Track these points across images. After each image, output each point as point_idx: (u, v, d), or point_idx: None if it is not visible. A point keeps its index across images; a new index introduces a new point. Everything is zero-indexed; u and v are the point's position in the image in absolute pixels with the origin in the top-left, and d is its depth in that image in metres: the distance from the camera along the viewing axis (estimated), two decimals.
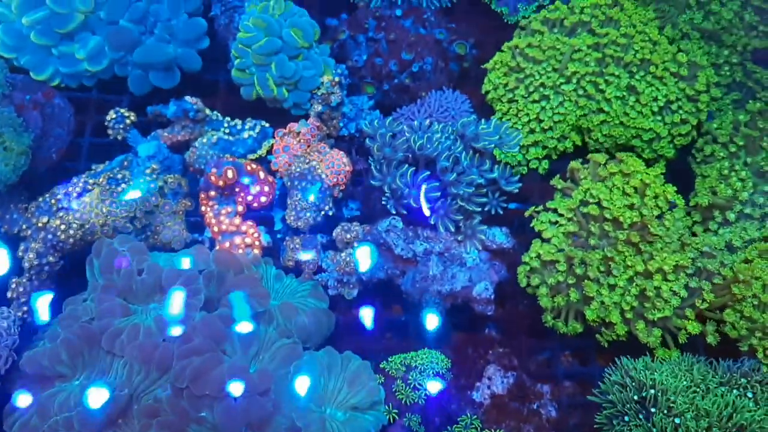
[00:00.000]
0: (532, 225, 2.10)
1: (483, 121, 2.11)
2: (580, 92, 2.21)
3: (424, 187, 2.00)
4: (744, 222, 2.05)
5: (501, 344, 2.01)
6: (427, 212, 2.00)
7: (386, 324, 2.09)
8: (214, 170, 2.10)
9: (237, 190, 2.16)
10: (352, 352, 1.92)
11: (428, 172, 2.02)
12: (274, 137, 2.25)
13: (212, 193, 2.14)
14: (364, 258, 2.06)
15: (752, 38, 2.29)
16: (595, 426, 1.83)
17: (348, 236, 2.10)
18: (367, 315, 2.08)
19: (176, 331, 1.73)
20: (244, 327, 1.78)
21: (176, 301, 1.79)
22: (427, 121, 2.12)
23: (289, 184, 2.16)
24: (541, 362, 2.03)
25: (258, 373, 1.71)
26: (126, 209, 1.99)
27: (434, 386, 1.89)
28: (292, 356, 1.79)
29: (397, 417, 1.85)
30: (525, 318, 2.10)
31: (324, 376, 1.80)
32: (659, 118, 2.16)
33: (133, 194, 2.02)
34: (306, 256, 2.09)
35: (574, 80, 2.21)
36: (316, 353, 1.84)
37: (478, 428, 1.82)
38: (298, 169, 2.12)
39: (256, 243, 2.11)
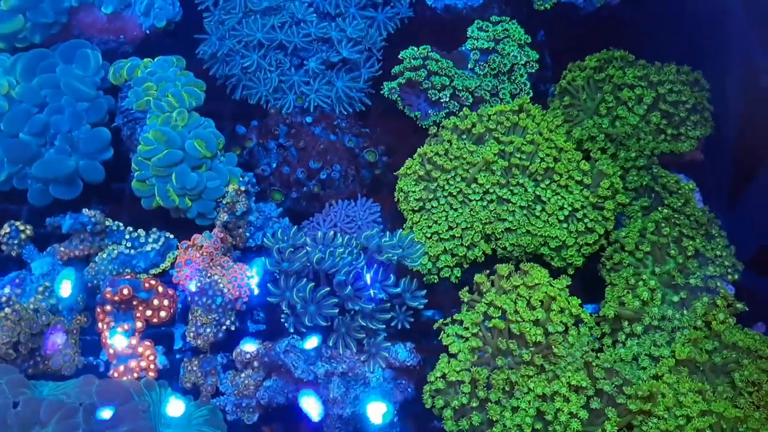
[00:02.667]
0: (439, 338, 2.04)
1: (387, 233, 2.07)
2: (487, 201, 2.19)
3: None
4: (653, 334, 2.01)
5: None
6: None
7: None
8: (108, 289, 2.03)
9: (135, 304, 2.08)
10: None
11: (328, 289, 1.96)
12: (178, 249, 2.19)
13: (108, 307, 2.06)
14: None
15: (659, 142, 2.31)
16: None
17: (247, 356, 2.02)
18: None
19: None
20: None
21: None
22: (331, 233, 2.08)
23: (190, 299, 2.09)
24: None
25: None
26: (7, 334, 1.90)
27: None
28: None
29: None
30: None
31: None
32: (565, 226, 2.14)
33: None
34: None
35: (481, 190, 2.20)
36: None
37: None
38: (198, 284, 2.05)
39: (152, 366, 2.02)
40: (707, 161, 2.35)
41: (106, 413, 1.76)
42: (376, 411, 1.94)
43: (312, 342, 1.98)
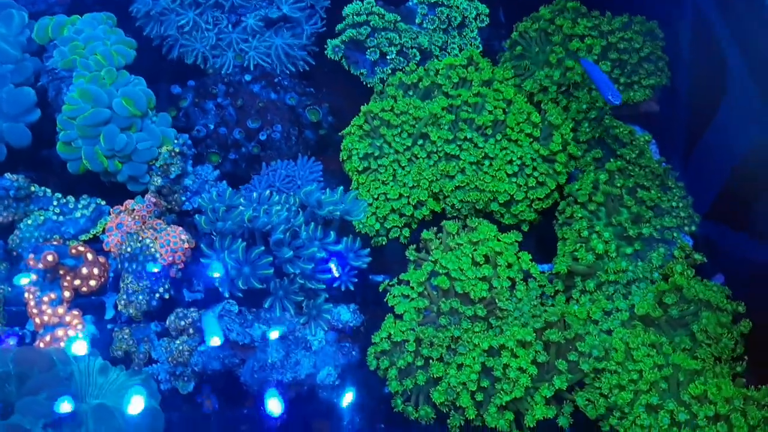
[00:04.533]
0: (385, 299, 1.94)
1: (328, 190, 1.97)
2: (434, 157, 2.10)
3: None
4: (608, 288, 1.93)
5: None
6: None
7: (228, 421, 1.89)
8: (31, 256, 1.91)
9: (62, 273, 1.96)
10: None
11: (262, 248, 1.85)
12: (109, 215, 2.07)
13: (34, 276, 1.94)
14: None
15: None
16: None
17: (182, 323, 1.91)
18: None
19: None
20: None
21: None
22: (267, 192, 1.97)
23: (120, 265, 1.97)
24: None
25: None
26: None
27: None
28: None
29: None
30: (381, 406, 1.92)
31: None
32: (514, 180, 2.05)
33: None
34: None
35: (428, 146, 2.10)
36: None
37: None
38: (129, 249, 1.94)
39: (80, 335, 1.90)
40: (664, 113, 2.27)
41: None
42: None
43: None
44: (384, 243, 2.12)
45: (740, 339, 1.82)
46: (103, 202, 2.12)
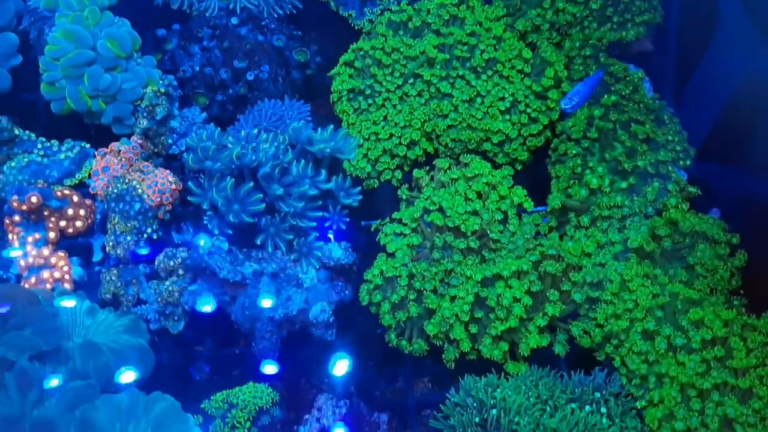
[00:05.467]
0: (377, 239, 1.92)
1: (319, 128, 1.93)
2: (426, 96, 2.06)
3: None
4: (602, 224, 1.90)
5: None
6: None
7: (217, 360, 1.86)
8: (15, 197, 1.87)
9: (47, 214, 1.92)
10: (175, 393, 1.68)
11: (251, 184, 1.82)
12: (95, 158, 2.03)
13: (16, 217, 1.90)
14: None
15: (606, 30, 2.18)
16: None
17: (171, 263, 1.88)
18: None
19: None
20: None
21: None
22: (255, 130, 1.93)
23: (107, 207, 1.93)
24: (389, 390, 1.82)
25: (33, 422, 1.46)
26: None
27: (256, 422, 1.66)
28: (80, 399, 1.54)
29: None
30: (375, 343, 1.90)
31: (121, 422, 1.56)
32: (507, 118, 2.02)
33: None
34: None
35: (420, 84, 2.06)
36: (114, 395, 1.60)
37: None
38: (116, 190, 1.90)
39: (66, 277, 1.87)
40: (657, 51, 2.24)
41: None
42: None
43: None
44: (376, 186, 2.08)
45: (736, 272, 1.81)
46: (88, 145, 2.07)
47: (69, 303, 1.72)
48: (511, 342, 1.72)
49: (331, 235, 1.92)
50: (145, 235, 1.92)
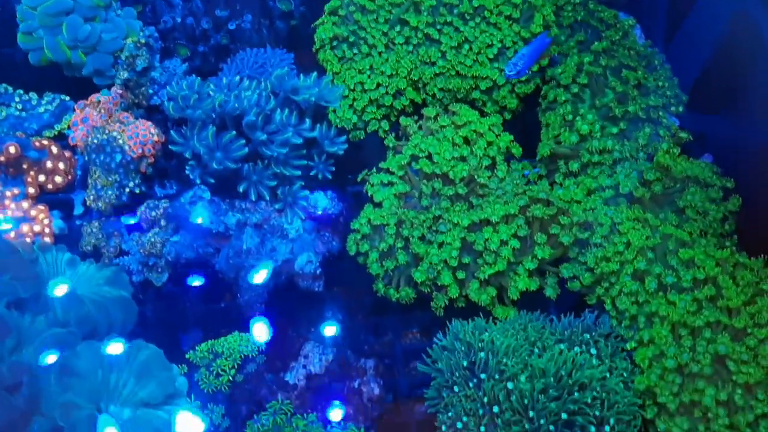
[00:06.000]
0: (365, 190, 1.88)
1: (302, 75, 1.89)
2: (413, 43, 2.02)
3: None
4: (593, 171, 1.87)
5: (327, 319, 1.77)
6: None
7: (200, 312, 1.83)
8: None
9: (25, 167, 1.88)
10: (159, 345, 1.65)
11: (234, 132, 1.78)
12: (74, 110, 1.98)
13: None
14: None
15: None
16: (426, 403, 1.60)
17: (153, 214, 1.84)
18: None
19: None
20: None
21: None
22: (237, 78, 1.89)
23: (87, 159, 1.89)
24: (376, 339, 1.80)
25: (11, 367, 1.43)
26: None
27: (240, 370, 1.63)
28: (60, 346, 1.51)
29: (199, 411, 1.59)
30: (363, 295, 1.87)
31: (103, 369, 1.52)
32: (496, 65, 1.98)
33: None
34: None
35: (407, 31, 2.02)
36: (95, 343, 1.56)
37: (289, 413, 1.56)
38: (95, 141, 1.86)
39: (46, 230, 1.83)
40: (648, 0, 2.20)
41: None
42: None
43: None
44: (362, 137, 2.04)
45: (730, 216, 1.78)
46: (68, 98, 2.03)
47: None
48: (498, 287, 1.69)
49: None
50: (127, 189, 1.88)
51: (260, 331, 1.73)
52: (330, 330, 1.71)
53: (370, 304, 1.85)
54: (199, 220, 1.80)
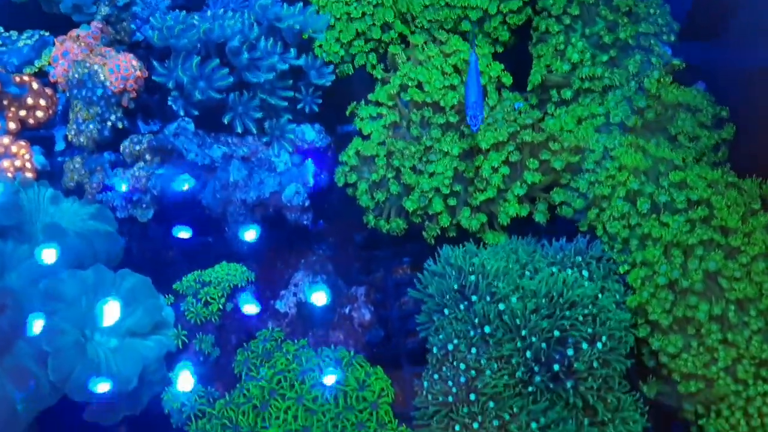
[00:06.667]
0: (353, 124, 1.85)
1: (285, 4, 1.85)
2: None
3: None
4: (583, 99, 1.84)
5: (317, 252, 1.75)
6: None
7: (187, 247, 1.80)
8: None
9: (6, 103, 1.84)
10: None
11: (217, 60, 1.74)
12: (55, 45, 1.93)
13: None
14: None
15: None
16: (418, 328, 1.58)
17: (137, 148, 1.80)
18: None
19: None
20: None
21: None
22: (221, 10, 1.84)
23: (68, 94, 1.85)
24: (367, 270, 1.77)
25: None
26: None
27: (230, 299, 1.61)
28: (44, 273, 1.48)
29: (187, 340, 1.57)
30: (353, 227, 1.84)
31: (88, 296, 1.50)
32: None
33: None
34: None
35: None
36: (80, 271, 1.53)
37: (279, 340, 1.54)
38: (76, 75, 1.81)
39: (27, 165, 1.79)
40: None
41: None
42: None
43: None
44: (350, 72, 2.00)
45: (723, 144, 1.76)
46: (47, 33, 1.98)
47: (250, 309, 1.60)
48: (489, 214, 1.67)
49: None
50: (109, 123, 1.84)
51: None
52: (319, 259, 1.68)
53: (361, 236, 1.82)
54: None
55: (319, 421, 1.40)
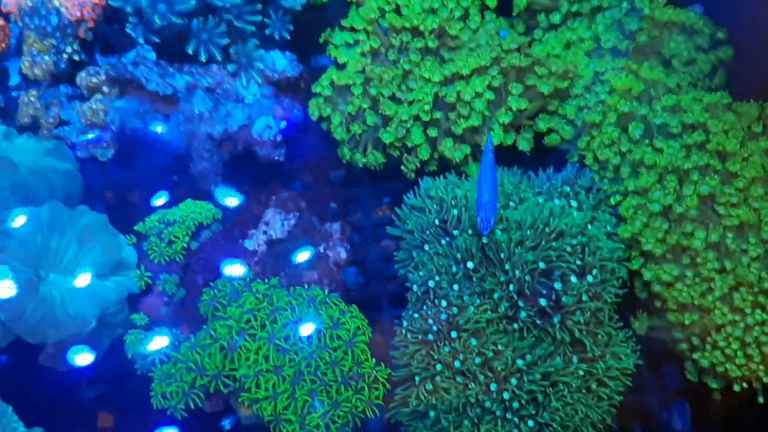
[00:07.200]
0: (327, 52, 1.72)
1: None
2: None
3: None
4: (572, 23, 1.72)
5: (289, 189, 1.65)
6: None
7: (154, 185, 1.69)
8: None
9: None
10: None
11: None
12: None
13: None
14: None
15: None
16: (396, 266, 1.49)
17: (94, 80, 1.68)
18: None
19: None
20: None
21: None
22: None
23: (22, 25, 1.71)
24: (343, 206, 1.68)
25: None
26: None
27: (195, 237, 1.51)
28: None
29: (151, 282, 1.47)
30: (328, 163, 1.74)
31: (43, 234, 1.39)
32: None
33: None
34: None
35: None
36: (34, 208, 1.43)
37: (248, 279, 1.45)
38: (29, 2, 1.67)
39: None
40: None
41: None
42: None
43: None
44: (326, 1, 1.87)
45: (720, 66, 1.65)
46: None
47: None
48: (473, 144, 1.57)
49: None
50: (65, 55, 1.70)
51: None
52: (292, 196, 1.58)
53: (337, 174, 1.72)
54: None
55: (292, 360, 1.31)
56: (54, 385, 1.45)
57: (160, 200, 1.61)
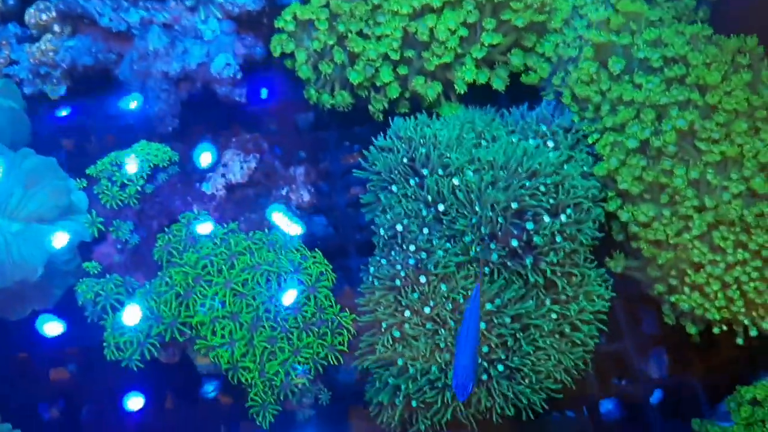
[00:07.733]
0: None
1: None
2: None
3: None
4: None
5: (251, 131, 1.56)
6: None
7: (107, 127, 1.60)
8: None
9: None
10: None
11: None
12: None
13: None
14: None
15: None
16: (363, 209, 1.42)
17: (44, 17, 1.57)
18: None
19: None
20: None
21: None
22: None
23: None
24: (308, 148, 1.59)
25: None
26: None
27: (150, 180, 1.42)
28: None
29: (103, 228, 1.38)
30: (293, 104, 1.65)
31: None
32: None
33: None
34: None
35: None
36: None
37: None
38: None
39: None
40: None
41: None
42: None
43: None
44: None
45: (704, 2, 1.57)
46: None
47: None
48: (445, 82, 1.48)
49: None
50: None
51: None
52: (253, 137, 1.49)
53: (304, 116, 1.63)
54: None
55: (249, 305, 1.24)
56: (2, 337, 1.38)
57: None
